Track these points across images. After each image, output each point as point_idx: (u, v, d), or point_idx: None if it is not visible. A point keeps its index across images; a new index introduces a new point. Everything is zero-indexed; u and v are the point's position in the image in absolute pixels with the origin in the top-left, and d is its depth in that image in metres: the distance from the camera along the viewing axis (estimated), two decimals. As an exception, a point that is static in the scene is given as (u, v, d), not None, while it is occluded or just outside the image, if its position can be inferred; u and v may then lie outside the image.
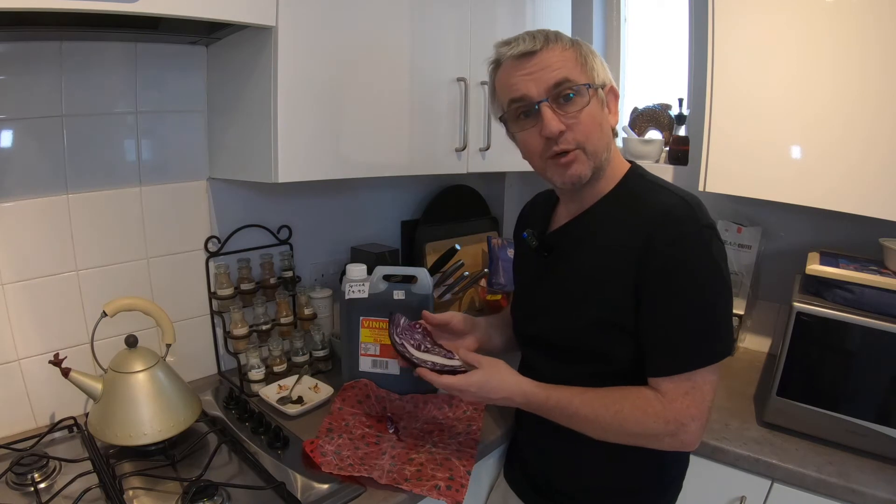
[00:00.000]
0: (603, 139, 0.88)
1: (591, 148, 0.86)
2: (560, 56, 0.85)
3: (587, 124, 0.85)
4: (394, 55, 1.23)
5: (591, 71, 0.86)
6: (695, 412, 0.81)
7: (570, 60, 0.85)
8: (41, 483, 0.94)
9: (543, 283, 0.98)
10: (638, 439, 0.85)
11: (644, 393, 0.84)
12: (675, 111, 1.75)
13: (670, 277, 0.81)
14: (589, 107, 0.85)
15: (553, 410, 0.89)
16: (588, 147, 0.86)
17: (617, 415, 0.84)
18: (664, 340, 0.83)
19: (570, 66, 0.85)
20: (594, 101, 0.86)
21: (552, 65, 0.84)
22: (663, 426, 0.82)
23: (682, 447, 0.85)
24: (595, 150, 0.87)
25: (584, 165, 0.87)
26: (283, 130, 1.05)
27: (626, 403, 0.84)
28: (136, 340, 1.08)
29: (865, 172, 1.14)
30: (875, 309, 1.09)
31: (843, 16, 1.13)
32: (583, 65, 0.86)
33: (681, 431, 0.82)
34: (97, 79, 1.12)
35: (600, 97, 0.87)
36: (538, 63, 0.85)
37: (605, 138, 0.88)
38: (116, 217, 1.19)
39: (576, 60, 0.86)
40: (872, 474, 1.04)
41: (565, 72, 0.84)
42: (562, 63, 0.85)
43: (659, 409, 0.82)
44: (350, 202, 1.64)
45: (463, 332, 1.07)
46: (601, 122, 0.87)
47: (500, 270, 1.74)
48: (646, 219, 0.84)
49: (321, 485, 0.97)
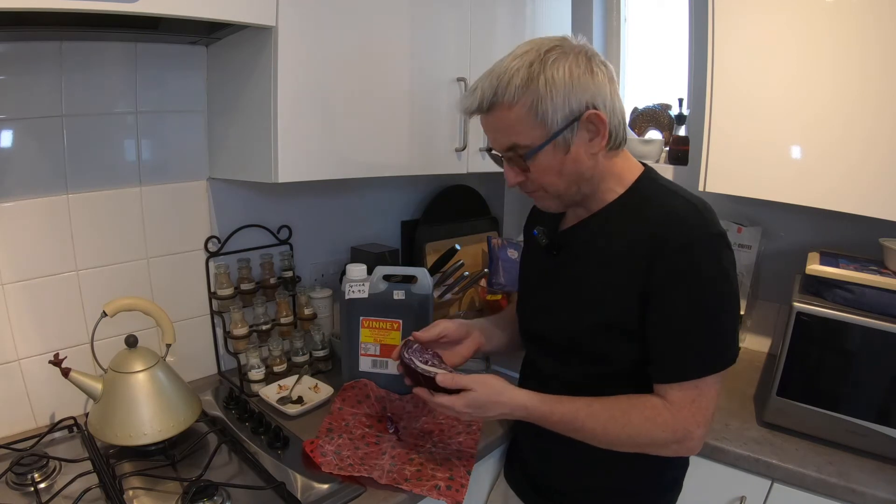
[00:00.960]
0: (562, 182, 0.86)
1: (552, 190, 0.88)
2: (505, 118, 0.82)
3: (543, 175, 0.86)
4: (394, 55, 1.23)
5: (545, 120, 0.80)
6: (700, 419, 0.82)
7: (515, 121, 0.81)
8: (41, 483, 0.94)
9: (550, 282, 0.98)
10: (644, 448, 0.85)
11: (651, 402, 0.84)
12: (675, 111, 1.75)
13: (680, 284, 0.81)
14: (539, 162, 0.84)
15: (558, 424, 0.88)
16: (550, 189, 0.88)
17: (626, 427, 0.84)
18: (672, 348, 0.83)
19: (516, 128, 0.82)
20: (546, 155, 0.83)
21: (499, 128, 0.84)
22: (671, 435, 0.82)
23: (686, 453, 0.86)
24: (557, 192, 0.88)
25: (550, 202, 0.91)
26: (283, 130, 1.05)
27: (635, 414, 0.84)
28: (136, 340, 1.08)
29: (865, 172, 1.14)
30: (875, 309, 1.09)
31: (843, 16, 1.13)
32: (534, 118, 0.80)
33: (687, 439, 0.83)
34: (97, 79, 1.12)
35: (561, 143, 0.82)
36: (488, 124, 0.86)
37: (567, 179, 0.86)
38: (116, 217, 1.19)
39: (524, 117, 0.81)
40: (872, 474, 1.04)
41: (512, 137, 0.83)
42: (508, 127, 0.83)
43: (668, 418, 0.82)
44: (350, 202, 1.64)
45: (459, 338, 1.06)
46: (558, 169, 0.85)
47: (500, 270, 1.74)
48: (655, 223, 0.83)
49: (321, 485, 0.97)
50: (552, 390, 0.95)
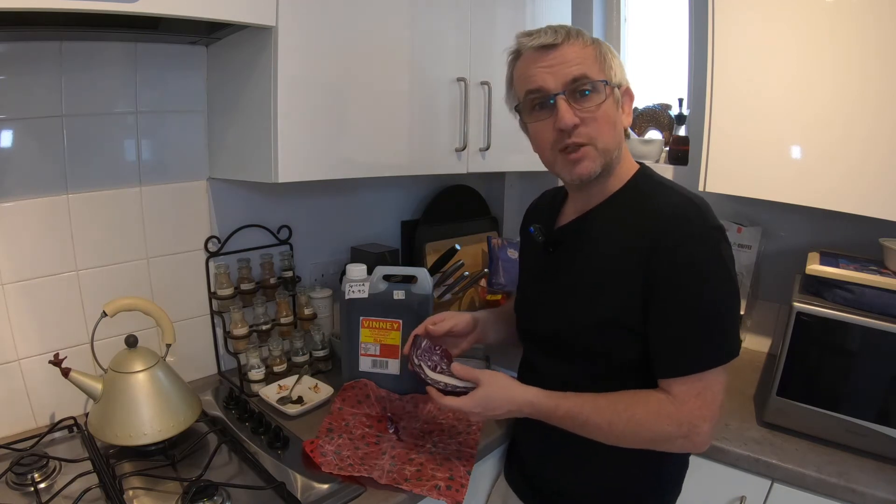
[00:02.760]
0: (615, 137, 0.88)
1: (602, 145, 0.87)
2: (580, 52, 0.86)
3: (601, 121, 0.86)
4: (394, 55, 1.23)
5: (608, 70, 0.87)
6: (706, 413, 0.82)
7: (589, 57, 0.86)
8: (41, 483, 0.94)
9: (548, 279, 0.98)
10: (651, 444, 0.85)
11: (655, 396, 0.84)
12: (675, 111, 1.75)
13: (679, 278, 0.81)
14: (604, 104, 0.86)
15: (563, 419, 0.88)
16: (599, 143, 0.87)
17: (630, 420, 0.83)
18: (674, 342, 0.83)
19: (589, 62, 0.86)
20: (610, 99, 0.86)
21: (572, 59, 0.85)
22: (676, 428, 0.82)
23: (693, 449, 0.85)
24: (606, 147, 0.87)
25: (593, 162, 0.87)
26: (283, 130, 1.05)
27: (639, 408, 0.84)
28: (136, 340, 1.08)
29: (865, 172, 1.14)
30: (875, 309, 1.09)
31: (843, 16, 1.13)
32: (601, 63, 0.87)
33: (693, 433, 0.82)
34: (97, 79, 1.12)
35: (616, 96, 0.88)
36: (558, 56, 0.85)
37: (617, 137, 0.89)
38: (116, 217, 1.19)
39: (595, 58, 0.86)
40: (872, 474, 1.04)
41: (584, 68, 0.85)
42: (581, 59, 0.85)
43: (672, 412, 0.82)
44: (350, 202, 1.64)
45: (465, 333, 1.07)
46: (615, 121, 0.88)
47: (500, 270, 1.74)
48: (653, 219, 0.84)
49: (321, 485, 0.97)
50: (551, 388, 0.95)
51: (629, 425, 0.84)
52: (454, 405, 0.90)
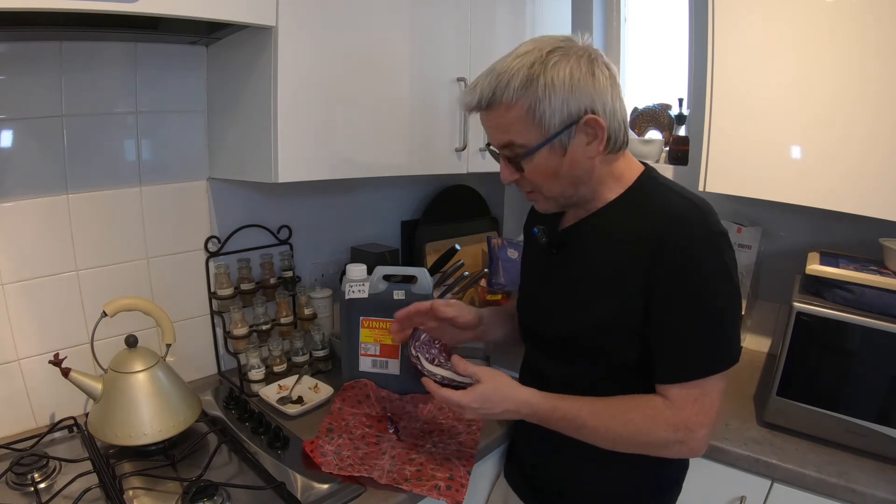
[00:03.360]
0: (558, 185, 0.86)
1: (547, 193, 0.88)
2: (503, 117, 0.82)
3: (535, 178, 0.86)
4: (394, 55, 1.23)
5: (542, 122, 0.80)
6: (703, 419, 0.81)
7: (513, 121, 0.81)
8: (41, 483, 0.94)
9: (551, 280, 0.98)
10: (647, 448, 0.85)
11: (653, 401, 0.84)
12: (675, 111, 1.75)
13: (681, 282, 0.80)
14: (535, 163, 0.83)
15: (560, 422, 0.88)
16: (545, 192, 0.88)
17: (627, 425, 0.83)
18: (674, 347, 0.82)
19: (514, 127, 0.81)
20: (543, 155, 0.82)
21: (497, 126, 0.84)
22: (672, 434, 0.82)
23: (689, 454, 0.85)
24: (553, 195, 0.88)
25: (546, 203, 0.91)
26: (283, 130, 1.05)
27: (636, 413, 0.83)
28: (136, 340, 1.08)
29: (865, 172, 1.14)
30: (875, 309, 1.09)
31: (843, 16, 1.13)
32: (531, 120, 0.80)
33: (689, 439, 0.82)
34: (97, 79, 1.12)
35: (559, 144, 0.81)
36: (485, 120, 0.86)
37: (563, 181, 0.86)
38: (116, 217, 1.19)
39: (522, 118, 0.80)
40: (872, 474, 1.04)
41: (509, 135, 0.83)
42: (505, 126, 0.82)
43: (669, 417, 0.82)
44: (350, 202, 1.64)
45: (466, 326, 1.06)
46: (554, 172, 0.84)
47: (500, 270, 1.74)
48: (656, 222, 0.83)
49: (321, 485, 0.97)
50: (552, 390, 0.95)
51: (626, 430, 0.84)
52: (452, 398, 0.89)
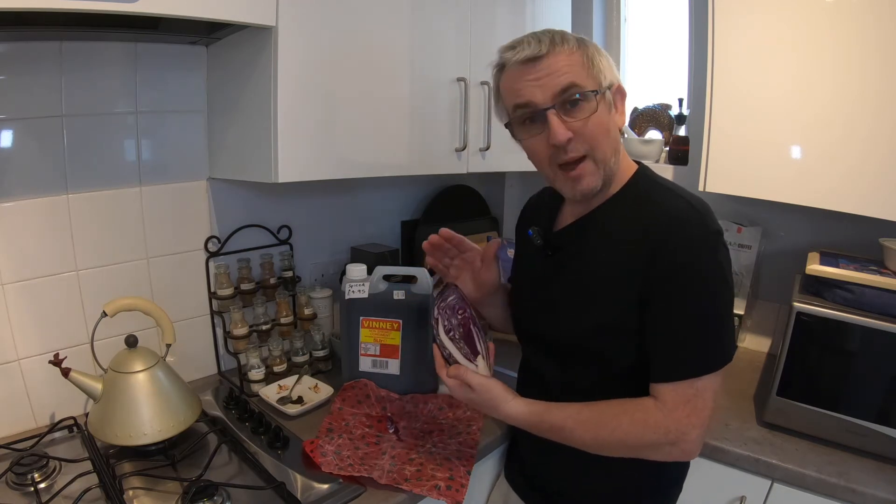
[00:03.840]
0: (611, 144, 0.86)
1: (599, 155, 0.85)
2: (566, 60, 0.82)
3: (595, 131, 0.83)
4: (394, 55, 1.23)
5: (598, 73, 0.84)
6: (695, 420, 0.81)
7: (576, 64, 0.82)
8: (41, 483, 0.94)
9: (546, 282, 0.97)
10: (638, 452, 0.84)
11: (643, 405, 0.83)
12: (675, 111, 1.75)
13: (675, 282, 0.80)
14: (597, 112, 0.83)
15: (548, 433, 0.88)
16: (597, 154, 0.84)
17: (615, 431, 0.83)
18: (667, 346, 0.82)
19: (576, 70, 0.82)
20: (601, 106, 0.83)
21: (558, 70, 0.82)
22: (663, 436, 0.81)
23: (681, 456, 0.84)
24: (604, 157, 0.85)
25: (594, 176, 0.85)
26: (283, 130, 1.05)
27: (625, 419, 0.83)
28: (136, 340, 1.08)
29: (865, 172, 1.14)
30: (875, 309, 1.08)
31: (843, 16, 1.13)
32: (589, 68, 0.83)
33: (681, 441, 0.81)
34: (97, 79, 1.12)
35: (608, 100, 0.85)
36: (544, 68, 0.82)
37: (613, 143, 0.86)
38: (116, 217, 1.19)
39: (582, 64, 0.83)
40: (872, 474, 1.04)
41: (571, 77, 0.82)
42: (568, 67, 0.82)
43: (659, 419, 0.81)
44: (350, 202, 1.64)
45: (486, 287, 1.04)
46: (609, 127, 0.85)
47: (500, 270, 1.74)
48: (652, 222, 0.83)
49: (321, 485, 0.97)
50: (552, 392, 0.95)
51: (614, 436, 0.83)
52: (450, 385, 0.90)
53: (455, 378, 0.89)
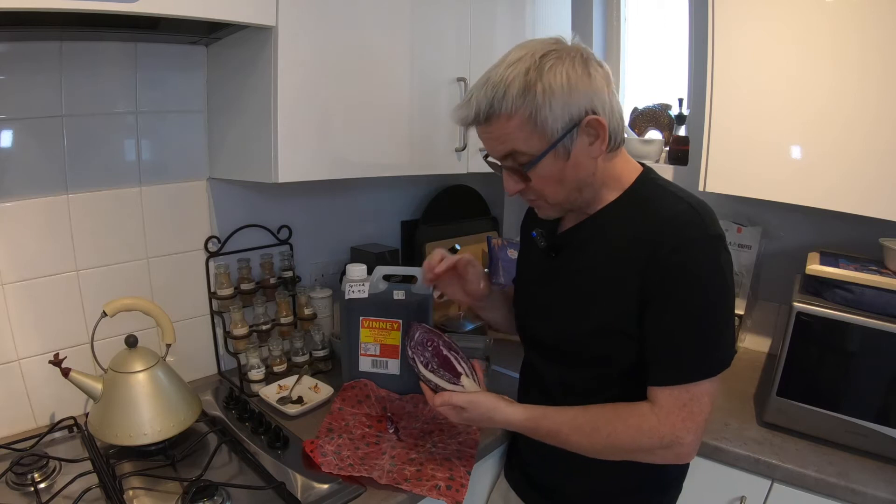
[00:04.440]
0: (563, 189, 0.85)
1: (552, 200, 0.87)
2: (504, 128, 0.79)
3: (541, 185, 0.84)
4: (394, 55, 1.23)
5: (545, 128, 0.78)
6: (690, 425, 0.80)
7: (515, 129, 0.79)
8: (41, 483, 0.94)
9: (549, 284, 0.97)
10: (633, 456, 0.85)
11: (639, 409, 0.83)
12: (675, 111, 1.75)
13: (674, 285, 0.80)
14: (539, 170, 0.82)
15: (545, 438, 0.90)
16: (549, 199, 0.87)
17: (610, 436, 0.84)
18: (665, 350, 0.82)
19: (516, 136, 0.79)
20: (548, 162, 0.81)
21: (497, 137, 0.82)
22: (658, 441, 0.81)
23: (676, 460, 0.83)
24: (557, 201, 0.87)
25: (550, 210, 0.90)
26: (283, 130, 1.05)
27: (619, 424, 0.83)
28: (136, 340, 1.08)
29: (865, 172, 1.14)
30: (875, 309, 1.08)
31: (843, 16, 1.13)
32: (533, 127, 0.78)
33: (675, 444, 0.81)
34: (97, 79, 1.12)
35: (563, 149, 0.81)
36: (484, 133, 0.84)
37: (568, 186, 0.85)
38: (116, 217, 1.19)
39: (524, 124, 0.78)
40: (872, 474, 1.04)
41: (511, 144, 0.81)
42: (506, 136, 0.80)
43: (654, 424, 0.81)
44: (350, 202, 1.64)
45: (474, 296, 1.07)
46: (560, 178, 0.83)
47: (500, 270, 1.74)
48: (653, 225, 0.83)
49: (321, 485, 0.97)
50: (553, 394, 0.95)
51: (609, 441, 0.84)
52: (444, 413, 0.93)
53: (443, 405, 0.92)
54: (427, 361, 0.97)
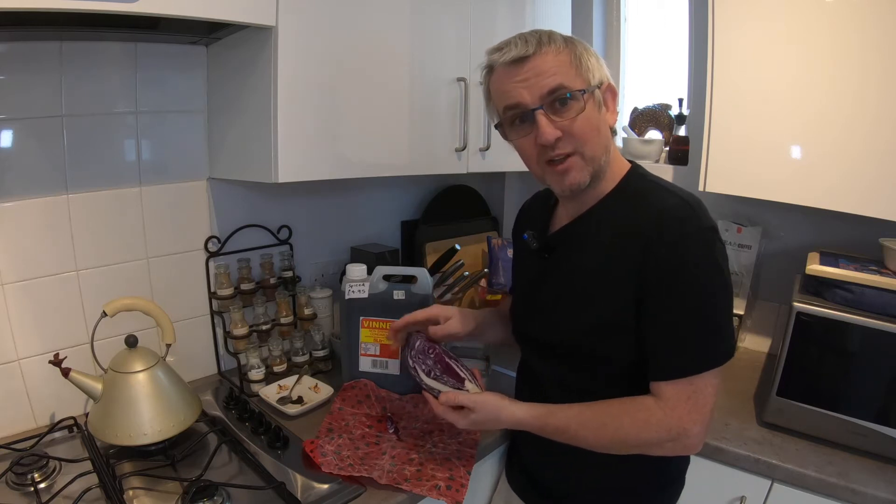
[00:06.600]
0: (600, 142, 0.86)
1: (588, 153, 0.85)
2: (553, 60, 0.82)
3: (583, 130, 0.83)
4: (394, 55, 1.23)
5: (586, 72, 0.84)
6: (696, 417, 0.81)
7: (563, 64, 0.82)
8: (41, 483, 0.94)
9: (544, 284, 0.97)
10: (641, 449, 0.85)
11: (644, 403, 0.83)
12: (675, 111, 1.75)
13: (671, 279, 0.80)
14: (585, 112, 0.83)
15: (552, 435, 0.89)
16: (585, 152, 0.85)
17: (618, 431, 0.84)
18: (666, 344, 0.82)
19: (564, 70, 0.82)
20: (590, 105, 0.83)
21: (546, 70, 0.82)
22: (665, 433, 0.81)
23: (684, 451, 0.84)
24: (593, 155, 0.85)
25: (581, 172, 0.86)
26: (283, 130, 1.05)
27: (626, 419, 0.83)
28: (136, 340, 1.08)
29: (865, 172, 1.14)
30: (875, 309, 1.08)
31: (843, 15, 1.13)
32: (577, 67, 0.83)
33: (683, 436, 0.81)
34: (97, 79, 1.12)
35: (597, 99, 0.85)
36: (531, 69, 0.82)
37: (603, 141, 0.87)
38: (116, 217, 1.19)
39: (570, 63, 0.83)
40: (872, 474, 1.04)
41: (559, 77, 0.82)
42: (555, 68, 0.82)
43: (661, 417, 0.81)
44: (350, 202, 1.64)
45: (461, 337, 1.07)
46: (598, 126, 0.85)
47: (500, 270, 1.74)
48: (646, 220, 0.83)
49: (321, 485, 0.97)
50: (551, 394, 0.95)
51: (617, 435, 0.84)
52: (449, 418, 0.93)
53: (447, 403, 0.93)
54: (429, 369, 0.97)
